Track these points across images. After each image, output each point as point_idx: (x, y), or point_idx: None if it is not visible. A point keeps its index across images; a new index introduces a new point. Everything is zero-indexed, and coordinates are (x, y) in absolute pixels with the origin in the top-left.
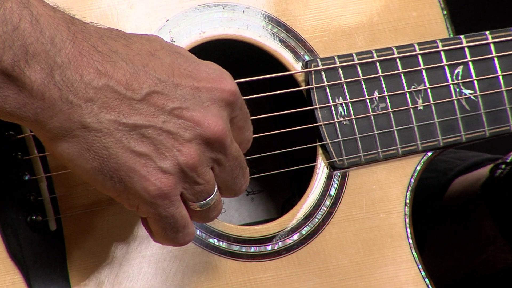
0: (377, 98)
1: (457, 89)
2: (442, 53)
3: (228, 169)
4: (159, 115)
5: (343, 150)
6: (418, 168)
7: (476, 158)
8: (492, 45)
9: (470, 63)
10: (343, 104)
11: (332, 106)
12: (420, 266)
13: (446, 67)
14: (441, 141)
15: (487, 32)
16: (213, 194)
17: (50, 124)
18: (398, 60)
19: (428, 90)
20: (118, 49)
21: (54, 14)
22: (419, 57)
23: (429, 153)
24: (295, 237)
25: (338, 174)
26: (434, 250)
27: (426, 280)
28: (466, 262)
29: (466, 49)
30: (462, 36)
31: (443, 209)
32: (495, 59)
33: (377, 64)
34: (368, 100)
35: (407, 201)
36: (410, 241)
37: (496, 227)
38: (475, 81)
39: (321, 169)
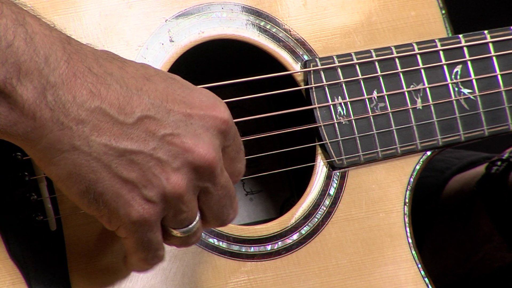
0: (376, 97)
1: (456, 89)
2: (441, 52)
3: (215, 197)
4: (149, 141)
5: (342, 149)
6: (417, 167)
7: (473, 157)
8: (490, 44)
9: (469, 63)
10: (342, 103)
11: (331, 106)
12: (419, 266)
13: (445, 67)
14: (440, 140)
15: (486, 32)
16: (195, 221)
17: (40, 144)
18: (397, 60)
19: (427, 89)
20: (113, 71)
21: (50, 33)
22: (418, 56)
23: (428, 153)
24: (295, 236)
25: (338, 173)
26: (432, 248)
27: (426, 279)
28: (464, 261)
29: (465, 49)
30: (460, 36)
31: (441, 208)
32: (494, 58)
33: (376, 63)
34: (367, 99)
35: (407, 200)
36: (410, 240)
37: (492, 224)
38: (474, 81)
39: (320, 169)
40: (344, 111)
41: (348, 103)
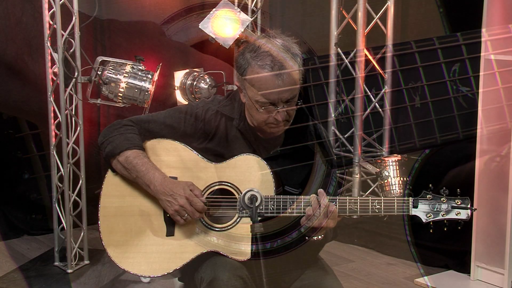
0: (375, 95)
1: (454, 87)
2: (439, 50)
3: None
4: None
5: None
6: (416, 165)
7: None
8: (488, 43)
9: (467, 61)
10: (341, 101)
11: (331, 103)
12: (418, 264)
13: (443, 65)
14: (439, 138)
15: (483, 30)
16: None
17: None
18: (395, 58)
19: (425, 87)
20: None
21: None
22: (416, 54)
23: (427, 151)
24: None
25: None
26: None
27: (426, 277)
28: None
29: (463, 47)
30: (458, 34)
31: None
32: (492, 56)
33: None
34: (366, 97)
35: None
36: (409, 238)
37: None
38: (472, 78)
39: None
40: (344, 109)
41: (347, 101)
